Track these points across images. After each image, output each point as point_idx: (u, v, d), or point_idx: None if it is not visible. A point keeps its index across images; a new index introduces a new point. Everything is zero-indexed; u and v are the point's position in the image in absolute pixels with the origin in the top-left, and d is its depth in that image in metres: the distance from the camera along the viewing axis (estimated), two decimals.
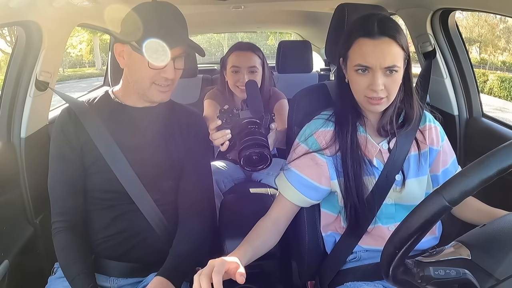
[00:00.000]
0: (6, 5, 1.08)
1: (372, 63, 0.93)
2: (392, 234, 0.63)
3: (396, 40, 0.93)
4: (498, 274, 0.61)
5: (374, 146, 1.04)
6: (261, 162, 1.01)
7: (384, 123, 1.03)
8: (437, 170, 1.10)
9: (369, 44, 0.93)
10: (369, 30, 0.93)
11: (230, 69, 1.69)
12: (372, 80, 0.94)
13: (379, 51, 0.92)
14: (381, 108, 0.99)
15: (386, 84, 0.95)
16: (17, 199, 1.41)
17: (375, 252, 1.06)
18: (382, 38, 0.92)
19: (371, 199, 1.02)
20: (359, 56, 0.95)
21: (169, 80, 1.04)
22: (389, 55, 0.92)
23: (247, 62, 1.66)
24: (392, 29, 0.93)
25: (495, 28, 27.15)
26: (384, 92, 0.95)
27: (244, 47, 1.72)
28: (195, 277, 0.75)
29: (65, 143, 1.06)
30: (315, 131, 1.06)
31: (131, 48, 1.01)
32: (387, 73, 0.94)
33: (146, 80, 1.03)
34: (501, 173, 0.56)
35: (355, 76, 0.97)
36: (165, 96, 1.07)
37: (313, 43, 3.31)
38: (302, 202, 1.06)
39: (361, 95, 0.98)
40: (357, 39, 0.95)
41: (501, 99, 16.37)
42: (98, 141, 1.05)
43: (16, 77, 1.38)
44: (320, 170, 1.04)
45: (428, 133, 1.08)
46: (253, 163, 1.00)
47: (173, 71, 1.03)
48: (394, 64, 0.93)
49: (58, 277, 1.09)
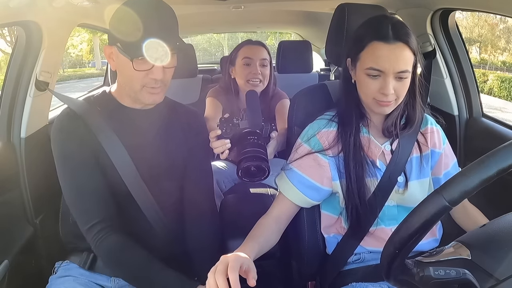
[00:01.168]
0: (6, 5, 1.08)
1: (385, 68, 0.93)
2: (392, 234, 0.63)
3: (409, 45, 0.93)
4: (498, 274, 0.61)
5: (377, 147, 1.04)
6: (259, 174, 1.03)
7: (389, 125, 1.04)
8: (439, 173, 1.10)
9: (384, 49, 0.93)
10: (384, 34, 0.93)
11: (242, 61, 1.68)
12: (383, 84, 0.94)
13: (393, 56, 0.92)
14: (389, 110, 0.99)
15: (396, 89, 0.95)
16: (17, 199, 1.41)
17: (379, 253, 1.06)
18: (397, 43, 0.92)
19: (373, 201, 1.02)
20: (372, 59, 0.94)
21: (159, 82, 1.00)
22: (402, 60, 0.93)
23: (259, 54, 1.66)
24: (405, 34, 0.93)
25: (495, 28, 27.14)
26: (394, 96, 0.96)
27: (254, 42, 1.74)
28: (209, 274, 0.72)
29: (77, 146, 1.01)
30: (318, 131, 1.06)
31: (118, 50, 0.98)
32: (398, 78, 0.94)
33: (135, 83, 0.99)
34: (501, 173, 0.56)
35: (366, 78, 0.97)
36: (158, 98, 1.04)
37: (313, 43, 3.30)
38: (303, 202, 1.06)
39: (370, 97, 0.98)
40: (371, 42, 0.95)
41: (501, 99, 16.37)
42: (104, 141, 1.02)
43: (16, 77, 1.37)
44: (322, 170, 1.04)
45: (430, 135, 1.09)
46: (251, 175, 1.03)
47: (161, 71, 0.98)
48: (406, 69, 0.94)
49: (59, 276, 1.09)
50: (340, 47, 1.15)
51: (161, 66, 0.98)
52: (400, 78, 0.94)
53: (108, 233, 0.98)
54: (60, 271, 1.11)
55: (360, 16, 1.10)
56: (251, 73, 1.65)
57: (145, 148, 1.08)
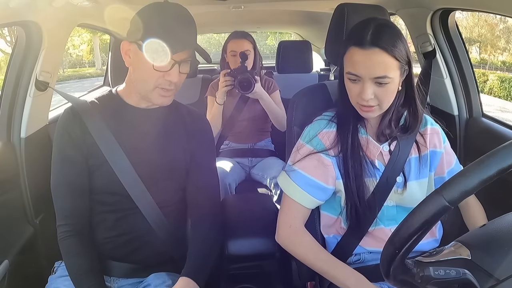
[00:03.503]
0: (6, 5, 1.08)
1: (361, 73, 0.93)
2: (392, 234, 0.63)
3: (388, 51, 0.90)
4: (498, 274, 0.60)
5: (375, 147, 1.05)
6: (249, 86, 1.87)
7: (383, 128, 1.04)
8: (442, 172, 1.10)
9: (359, 54, 0.92)
10: (360, 40, 0.92)
11: (230, 53, 2.13)
12: (361, 89, 0.94)
13: (369, 61, 0.91)
14: (373, 115, 0.99)
15: (377, 94, 0.94)
16: (17, 199, 1.41)
17: (379, 253, 1.06)
18: (373, 48, 0.90)
19: (372, 200, 1.02)
20: (349, 64, 0.95)
21: (173, 84, 1.02)
22: (379, 66, 0.91)
23: (242, 46, 2.09)
24: (386, 40, 0.90)
25: (495, 28, 27.14)
26: (375, 100, 0.95)
27: (238, 36, 2.14)
28: None
29: (70, 143, 1.04)
30: (319, 131, 1.06)
31: (138, 47, 0.99)
32: (377, 84, 0.93)
33: (150, 82, 1.01)
34: (501, 173, 0.56)
35: (348, 82, 0.98)
36: (167, 101, 1.06)
37: (313, 43, 3.31)
38: (311, 203, 1.06)
39: (354, 102, 0.99)
40: (349, 47, 0.95)
41: (501, 99, 16.37)
42: (100, 142, 1.03)
43: (16, 77, 1.37)
44: (327, 170, 1.04)
45: (429, 136, 1.09)
46: (244, 88, 1.87)
47: (178, 74, 1.01)
48: (385, 75, 0.91)
49: (59, 276, 1.09)
50: (340, 47, 1.15)
51: (178, 69, 1.00)
52: (380, 84, 0.93)
53: (69, 234, 1.04)
54: (59, 270, 1.10)
55: (360, 16, 1.09)
56: (236, 62, 2.06)
57: (146, 148, 1.08)
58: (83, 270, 1.00)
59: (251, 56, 2.11)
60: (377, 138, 1.06)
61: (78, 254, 1.02)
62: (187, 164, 1.13)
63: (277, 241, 1.08)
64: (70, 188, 1.05)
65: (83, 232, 1.06)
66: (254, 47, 2.16)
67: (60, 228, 1.05)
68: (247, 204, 1.55)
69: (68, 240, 1.03)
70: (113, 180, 1.03)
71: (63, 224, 1.05)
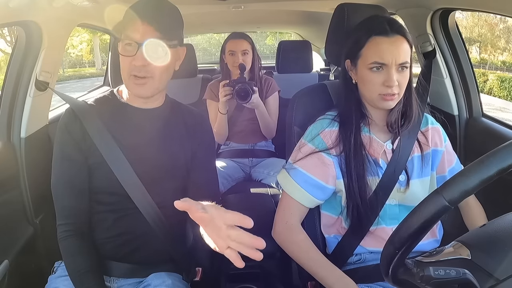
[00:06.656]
0: (6, 5, 1.08)
1: (388, 60, 0.97)
2: (392, 234, 0.63)
3: (407, 38, 0.99)
4: (498, 274, 0.60)
5: (379, 145, 1.05)
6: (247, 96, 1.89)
7: (392, 120, 1.05)
8: (443, 170, 1.10)
9: (385, 42, 0.97)
10: (383, 29, 0.98)
11: (228, 53, 2.14)
12: (387, 77, 0.98)
13: (394, 48, 0.97)
14: (393, 104, 1.02)
15: (399, 80, 0.99)
16: (17, 199, 1.41)
17: (379, 254, 1.07)
18: (396, 35, 0.98)
19: (374, 199, 1.03)
20: (375, 53, 0.98)
21: (143, 71, 0.98)
22: (402, 52, 0.98)
23: (240, 46, 2.11)
24: (401, 28, 1.00)
25: (495, 28, 27.14)
26: (397, 88, 0.99)
27: (237, 36, 2.16)
28: None
29: (71, 143, 1.04)
30: (321, 130, 1.07)
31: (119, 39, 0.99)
32: (400, 70, 0.98)
33: (124, 70, 1.01)
34: (501, 173, 0.56)
35: (369, 74, 1.00)
36: (143, 91, 1.02)
37: (313, 43, 3.31)
38: (309, 202, 1.06)
39: (375, 93, 1.00)
40: (371, 37, 0.99)
41: (501, 99, 16.37)
42: (99, 142, 1.03)
43: (16, 77, 1.37)
44: (327, 169, 1.04)
45: (430, 135, 1.10)
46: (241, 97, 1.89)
47: (143, 59, 0.96)
48: (406, 60, 0.98)
49: (59, 276, 1.09)
50: (340, 47, 1.15)
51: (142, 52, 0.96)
52: (402, 70, 0.99)
53: (69, 234, 1.04)
54: (59, 270, 1.10)
55: (360, 16, 1.10)
56: (235, 62, 2.10)
57: (146, 148, 1.08)
58: (83, 270, 1.00)
59: (249, 56, 2.12)
60: (383, 134, 1.07)
61: (78, 254, 1.02)
62: (187, 163, 1.12)
63: (273, 236, 1.09)
64: (71, 187, 1.05)
65: (83, 231, 1.06)
66: (253, 47, 2.17)
67: (60, 227, 1.05)
68: (247, 204, 1.55)
69: (68, 239, 1.04)
70: (112, 180, 1.03)
71: (63, 223, 1.05)
